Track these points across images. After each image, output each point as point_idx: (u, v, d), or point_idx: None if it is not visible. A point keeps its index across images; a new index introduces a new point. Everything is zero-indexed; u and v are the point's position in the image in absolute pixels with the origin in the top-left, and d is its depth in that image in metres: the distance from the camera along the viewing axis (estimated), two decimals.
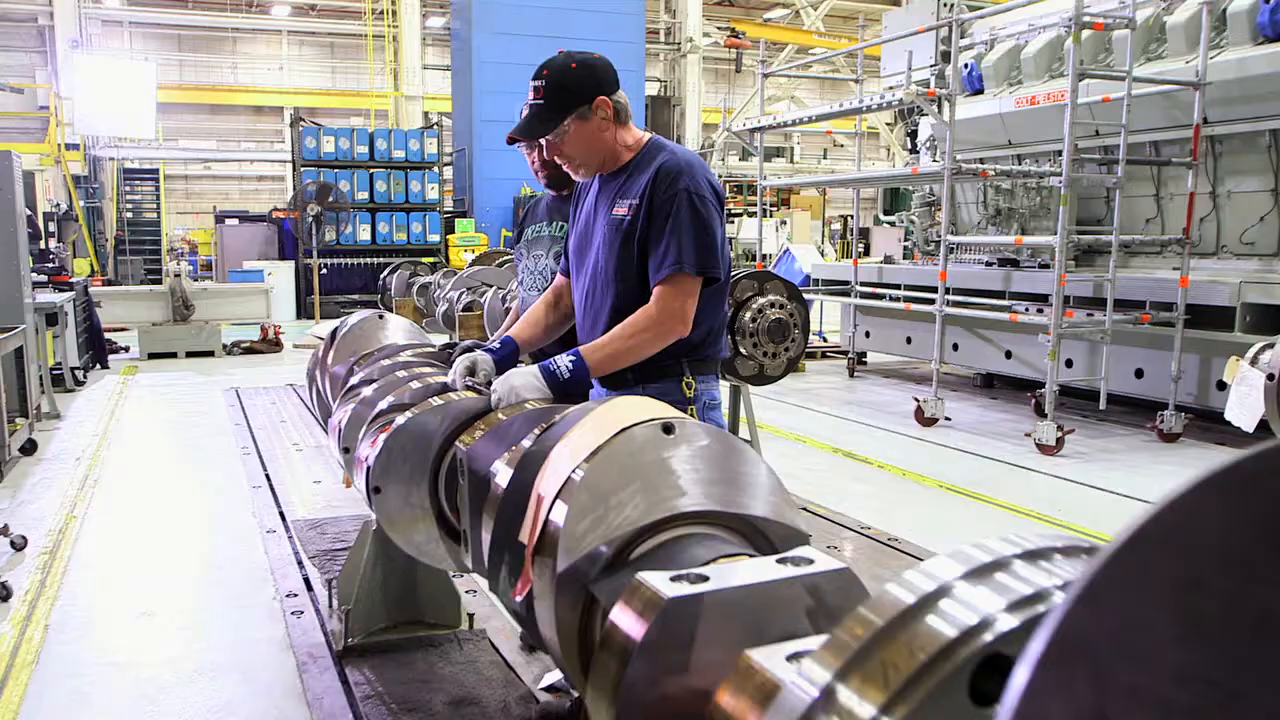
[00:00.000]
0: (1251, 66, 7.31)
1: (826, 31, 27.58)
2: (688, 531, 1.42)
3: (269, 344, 12.74)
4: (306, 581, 4.18)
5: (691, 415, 2.44)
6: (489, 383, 2.35)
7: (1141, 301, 7.76)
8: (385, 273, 9.45)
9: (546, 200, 3.32)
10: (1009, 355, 9.29)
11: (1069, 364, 8.58)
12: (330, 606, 3.76)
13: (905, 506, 5.70)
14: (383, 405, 2.43)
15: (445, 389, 2.37)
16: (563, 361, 2.25)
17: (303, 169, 17.92)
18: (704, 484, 1.44)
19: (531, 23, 18.49)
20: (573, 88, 2.42)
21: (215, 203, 29.26)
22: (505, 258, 9.15)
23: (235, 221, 21.59)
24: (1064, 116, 8.54)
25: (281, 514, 5.21)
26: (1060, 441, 6.82)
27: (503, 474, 1.67)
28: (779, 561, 1.18)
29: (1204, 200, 7.96)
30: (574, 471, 1.42)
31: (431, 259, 17.26)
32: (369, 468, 2.20)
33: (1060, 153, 9.13)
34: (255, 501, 5.48)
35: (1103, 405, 7.38)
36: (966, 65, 9.97)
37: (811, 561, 1.18)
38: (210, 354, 12.18)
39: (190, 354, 12.09)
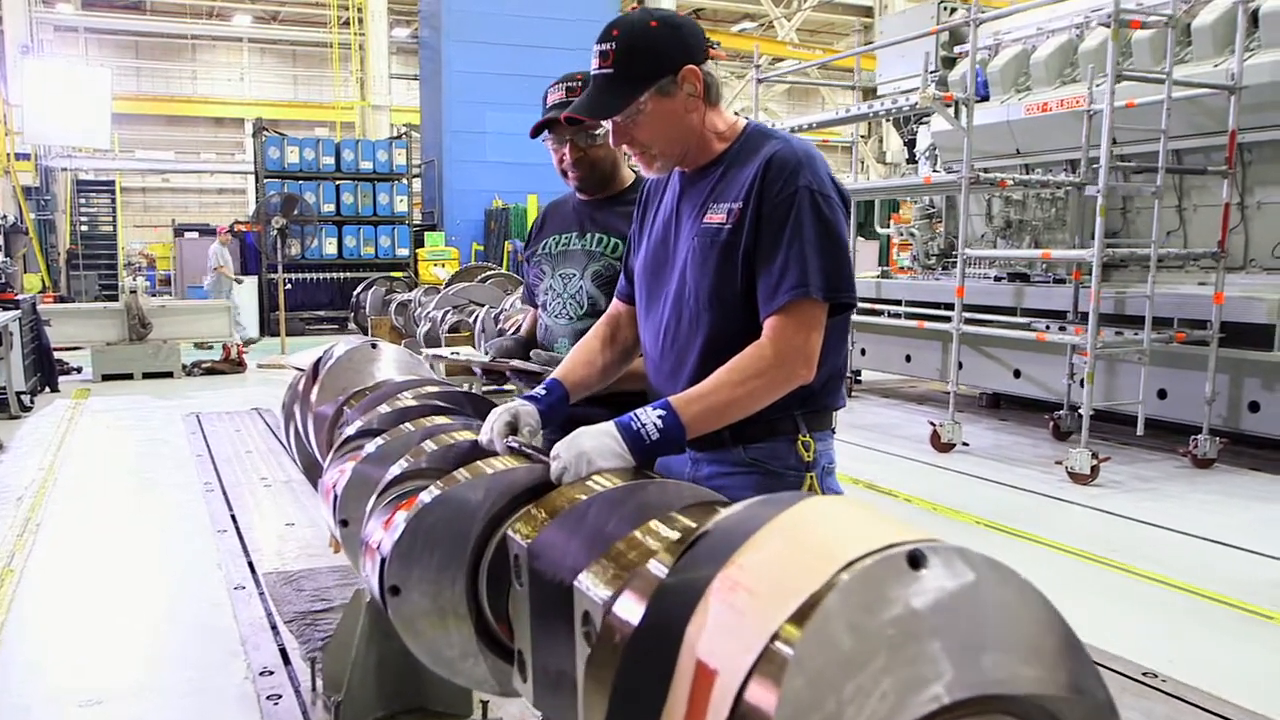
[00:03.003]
0: None
1: (800, 43, 27.32)
2: None
3: (231, 364, 12.06)
4: (283, 652, 3.57)
5: (811, 487, 1.89)
6: (538, 442, 1.78)
7: (1167, 318, 7.31)
8: (359, 289, 8.85)
9: (574, 204, 2.70)
10: (1018, 374, 8.83)
11: (1081, 383, 8.12)
12: (314, 690, 3.16)
13: None
14: (395, 470, 1.85)
15: (477, 450, 1.81)
16: (648, 417, 1.68)
17: (266, 180, 17.26)
18: (973, 651, 0.89)
19: (503, 31, 17.99)
20: (653, 53, 1.83)
21: (174, 216, 28.44)
22: (490, 273, 8.58)
23: (195, 235, 20.80)
24: (1078, 124, 8.15)
25: (251, 565, 4.58)
26: (1095, 470, 6.34)
27: (627, 610, 1.09)
28: None
29: (1231, 211, 7.54)
30: (776, 639, 0.86)
31: (401, 274, 16.62)
32: (384, 559, 1.62)
33: (1074, 162, 8.75)
34: (220, 549, 4.85)
35: (1140, 431, 6.90)
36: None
37: None
38: (169, 375, 11.48)
39: (147, 375, 11.39)
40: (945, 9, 10.30)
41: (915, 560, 0.88)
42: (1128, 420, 7.56)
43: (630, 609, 1.07)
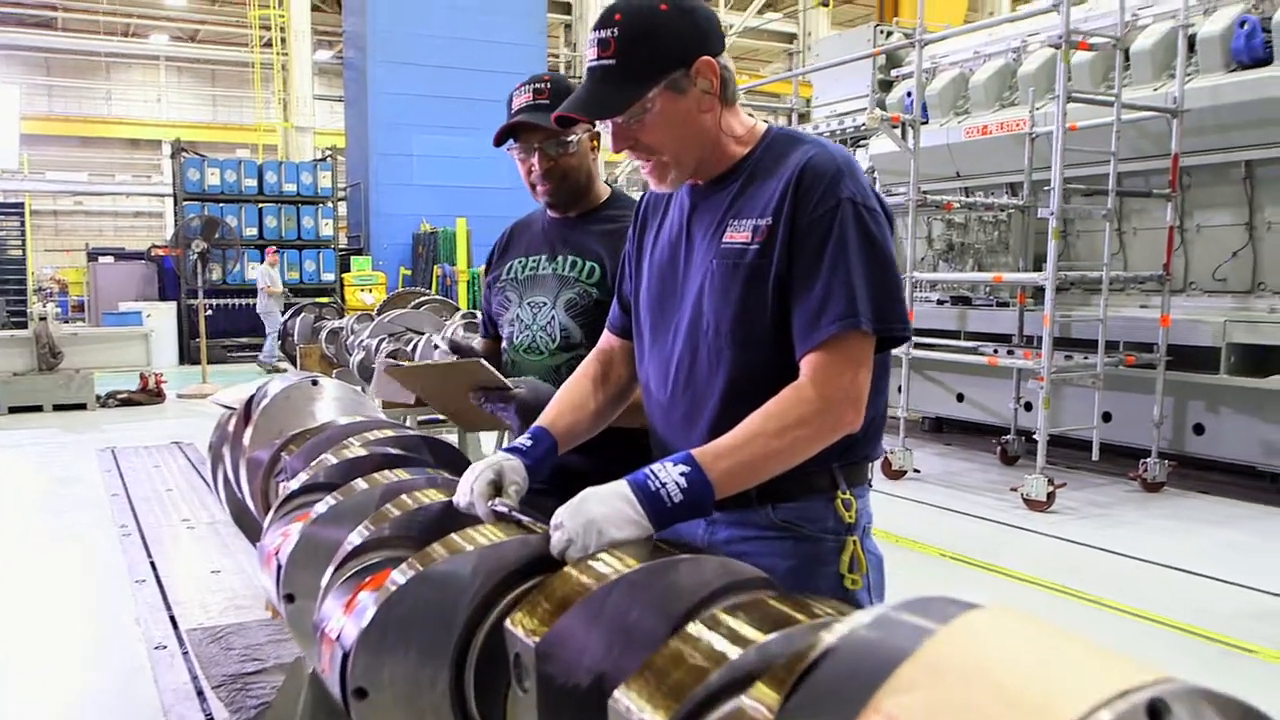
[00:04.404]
0: (1225, 94, 6.94)
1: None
2: None
3: (149, 394, 11.50)
4: None
5: (853, 554, 1.65)
6: (525, 506, 1.52)
7: (1113, 342, 7.29)
8: (287, 315, 8.46)
9: (543, 223, 2.41)
10: (961, 398, 8.78)
11: (1028, 407, 8.09)
12: None
13: (908, 581, 5.00)
14: (355, 540, 1.58)
15: (453, 515, 1.54)
16: (668, 475, 1.39)
17: (185, 203, 16.68)
18: None
19: (430, 53, 17.73)
20: (663, 42, 1.57)
21: (88, 240, 27.46)
22: (422, 298, 8.26)
23: (110, 259, 20.01)
24: (1019, 146, 8.15)
25: (173, 620, 4.20)
26: (1051, 497, 6.24)
27: None
28: None
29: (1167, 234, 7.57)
30: None
31: (328, 299, 16.15)
32: (347, 653, 1.35)
33: (1014, 185, 8.76)
34: (139, 602, 4.45)
35: (1095, 456, 6.83)
36: (908, 94, 9.51)
37: None
38: (82, 406, 10.90)
39: (58, 407, 10.79)
40: (881, 32, 10.32)
41: (1156, 713, 0.64)
42: (1074, 444, 7.53)
43: None
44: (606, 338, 1.94)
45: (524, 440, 1.66)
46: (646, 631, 1.09)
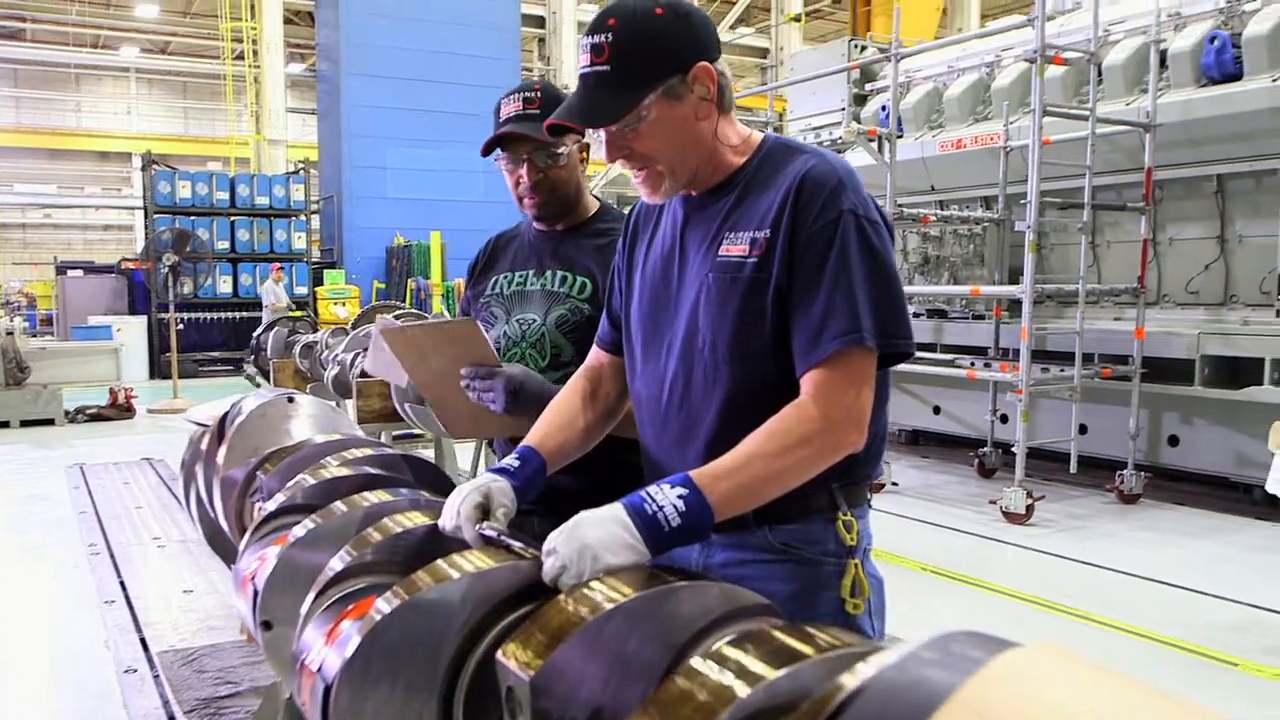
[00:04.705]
0: (1196, 109, 7.01)
1: None
2: None
3: (119, 409, 11.35)
4: None
5: (855, 578, 1.61)
6: (514, 529, 1.47)
7: (1088, 354, 7.33)
8: (260, 330, 8.36)
9: (530, 236, 2.33)
10: (937, 411, 8.80)
11: (1004, 420, 8.12)
12: None
13: (890, 597, 4.97)
14: (336, 565, 1.53)
15: (439, 539, 1.50)
16: (666, 498, 1.33)
17: (156, 216, 16.52)
18: None
19: (403, 65, 17.69)
20: (660, 47, 1.52)
21: (56, 253, 27.13)
22: (399, 312, 8.17)
23: (79, 273, 19.76)
24: (993, 160, 8.19)
25: (144, 642, 4.11)
26: (1030, 509, 6.25)
27: None
28: None
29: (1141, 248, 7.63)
30: None
31: (301, 313, 16.02)
32: (329, 686, 1.30)
33: (988, 198, 8.80)
34: (108, 624, 4.36)
35: (1074, 469, 6.85)
36: (883, 108, 9.55)
37: None
38: (50, 422, 10.75)
39: (26, 423, 10.64)
40: (856, 47, 10.37)
41: None
42: (1049, 456, 7.56)
43: None
44: (595, 354, 1.88)
45: (511, 460, 1.61)
46: (646, 663, 1.05)
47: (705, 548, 1.63)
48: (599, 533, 1.27)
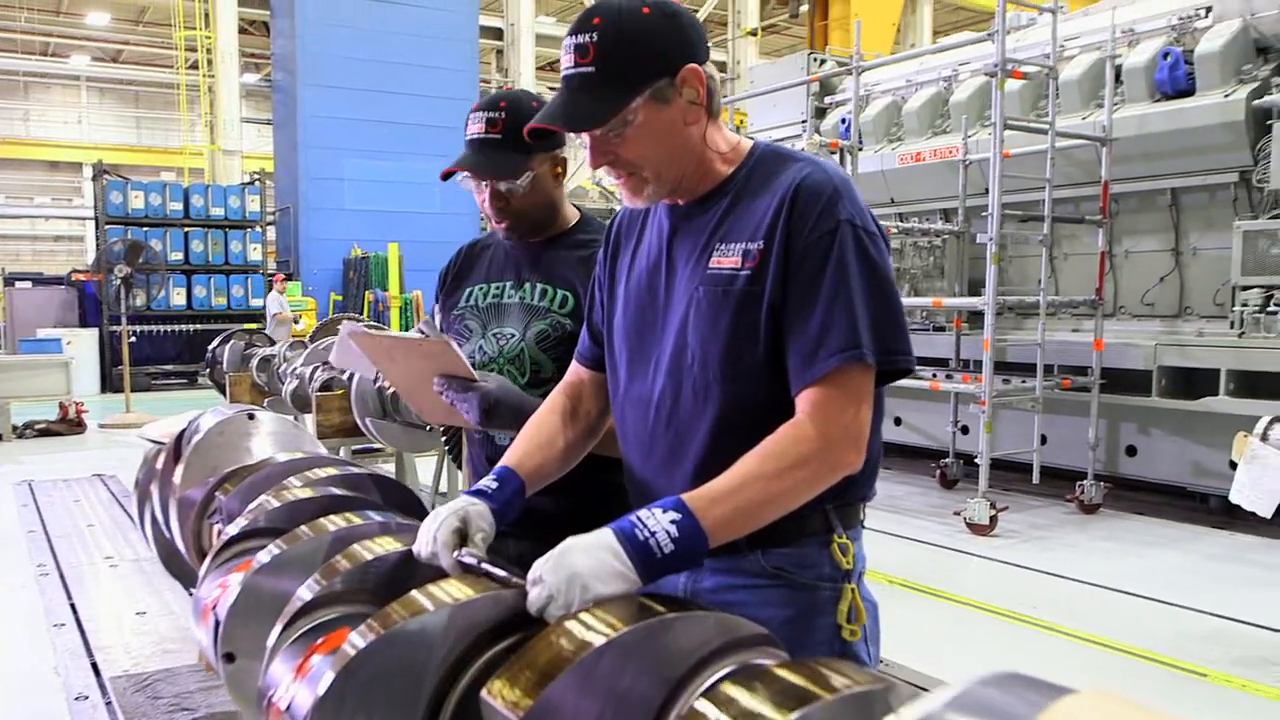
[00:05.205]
0: (1150, 124, 7.12)
1: None
2: None
3: (69, 424, 11.09)
4: None
5: (852, 603, 1.56)
6: (493, 554, 1.41)
7: (1047, 365, 7.39)
8: (215, 343, 8.20)
9: (506, 247, 2.21)
10: (899, 422, 8.83)
11: (965, 431, 8.17)
12: None
13: None
14: (304, 595, 1.46)
15: (414, 566, 1.44)
16: (658, 523, 1.27)
17: (108, 227, 16.21)
18: None
19: (361, 76, 17.58)
20: (647, 48, 1.46)
21: (4, 264, 26.55)
22: (364, 325, 8.07)
23: (28, 284, 19.33)
24: (952, 173, 8.26)
25: (95, 667, 3.97)
26: (994, 520, 6.28)
27: None
28: None
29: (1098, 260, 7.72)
30: None
31: (255, 325, 15.80)
32: None
33: (947, 211, 8.87)
34: (58, 648, 4.21)
35: (1036, 479, 6.90)
36: (843, 120, 9.61)
37: None
38: None
39: None
40: (815, 60, 10.43)
41: None
42: (1009, 466, 7.61)
43: None
44: (575, 369, 1.82)
45: (489, 482, 1.54)
46: (643, 700, 1.00)
47: (693, 573, 1.57)
48: (588, 560, 1.21)
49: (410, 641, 1.20)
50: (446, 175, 2.12)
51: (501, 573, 1.28)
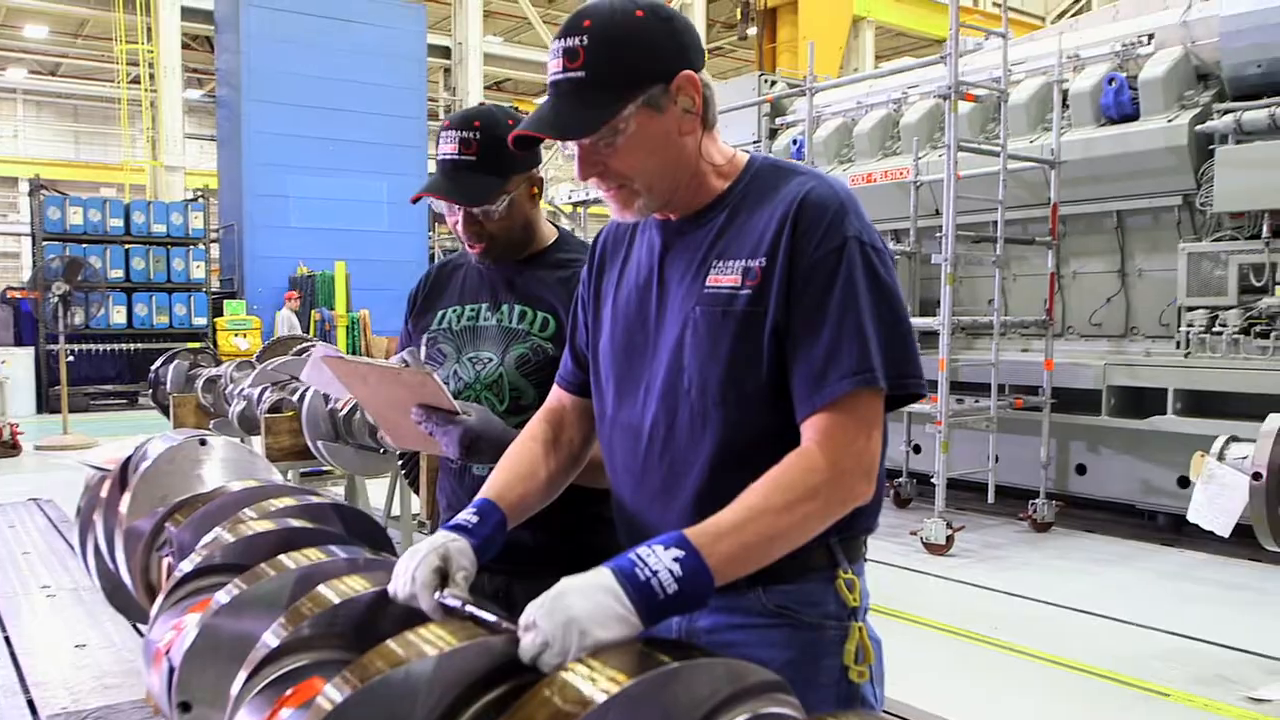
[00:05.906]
0: (1096, 147, 7.23)
1: None
2: None
3: (3, 446, 10.75)
4: None
5: (860, 643, 1.50)
6: (475, 594, 1.33)
7: (991, 385, 7.45)
8: (158, 362, 7.97)
9: (480, 269, 2.10)
10: None
11: (917, 450, 8.21)
12: None
13: None
14: (271, 641, 1.37)
15: (386, 606, 1.36)
16: (660, 561, 1.17)
17: (45, 243, 15.80)
18: None
19: (307, 93, 17.42)
20: (641, 52, 1.38)
21: None
22: (304, 344, 7.90)
23: None
24: (902, 194, 8.32)
25: (31, 704, 3.79)
26: (950, 540, 6.29)
27: None
28: None
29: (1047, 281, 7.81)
30: None
31: (200, 344, 15.47)
32: None
33: (898, 231, 8.93)
34: None
35: (991, 499, 6.94)
36: (794, 141, 9.67)
37: None
38: None
39: None
40: (766, 81, 10.49)
41: None
42: (962, 485, 7.65)
43: None
44: (556, 394, 1.72)
45: (469, 516, 1.44)
46: None
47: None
48: (586, 603, 1.12)
49: (392, 694, 1.12)
50: (416, 199, 2.05)
51: (490, 617, 1.19)
